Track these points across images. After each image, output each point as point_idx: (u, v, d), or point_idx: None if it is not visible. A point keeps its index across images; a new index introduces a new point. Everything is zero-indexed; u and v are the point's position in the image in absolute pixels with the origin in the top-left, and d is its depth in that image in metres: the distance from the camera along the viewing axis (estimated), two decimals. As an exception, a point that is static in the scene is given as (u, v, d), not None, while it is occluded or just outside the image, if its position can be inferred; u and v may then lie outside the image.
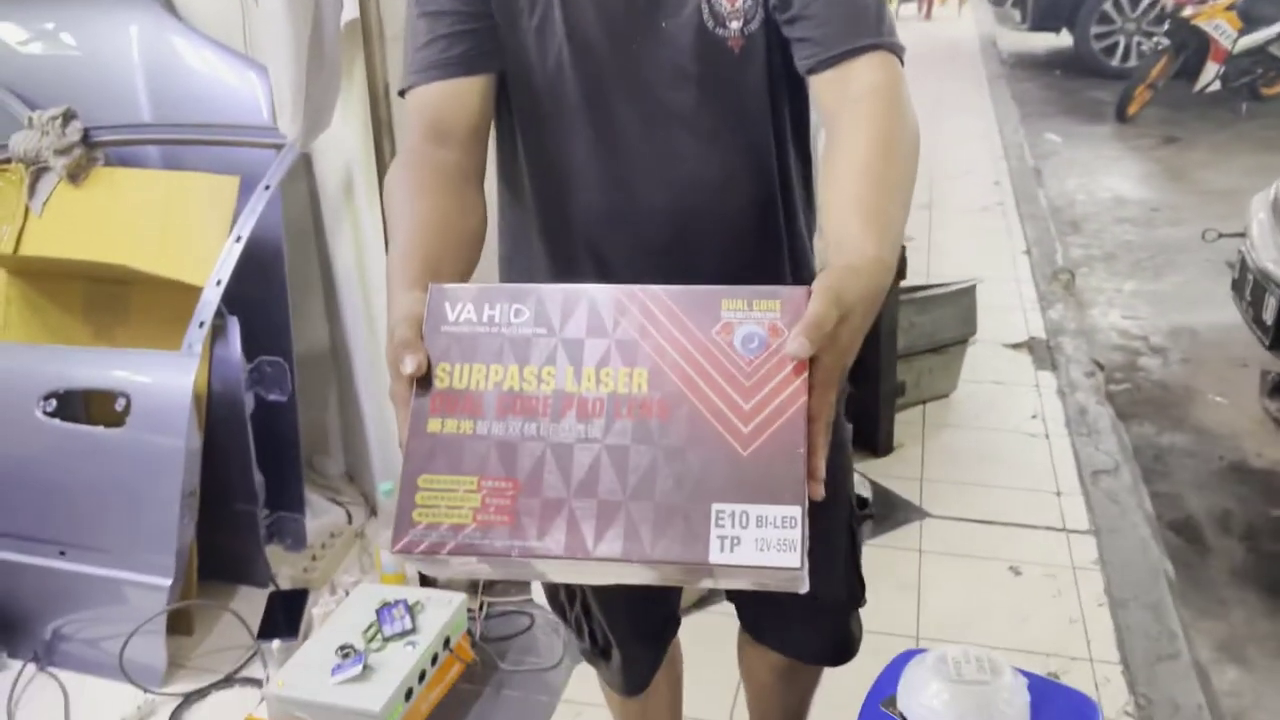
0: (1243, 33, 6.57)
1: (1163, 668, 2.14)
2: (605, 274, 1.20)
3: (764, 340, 0.75)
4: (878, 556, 2.40)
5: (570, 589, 1.43)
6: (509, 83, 1.14)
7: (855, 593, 1.45)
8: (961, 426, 3.11)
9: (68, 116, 2.38)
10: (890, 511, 2.68)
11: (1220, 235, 3.62)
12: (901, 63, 1.05)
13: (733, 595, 1.49)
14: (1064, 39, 8.53)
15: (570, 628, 1.49)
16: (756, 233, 1.23)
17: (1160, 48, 6.80)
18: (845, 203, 0.90)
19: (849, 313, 0.76)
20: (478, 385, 0.76)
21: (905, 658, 1.29)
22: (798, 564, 0.70)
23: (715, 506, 0.71)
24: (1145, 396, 3.52)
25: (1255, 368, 3.53)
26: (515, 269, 1.30)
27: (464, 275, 0.97)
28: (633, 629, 1.46)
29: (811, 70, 1.07)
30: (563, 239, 1.22)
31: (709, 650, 1.76)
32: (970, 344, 3.25)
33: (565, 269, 1.22)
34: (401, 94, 1.13)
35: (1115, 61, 8.00)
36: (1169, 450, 3.19)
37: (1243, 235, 3.32)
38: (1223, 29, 6.51)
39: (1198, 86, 6.74)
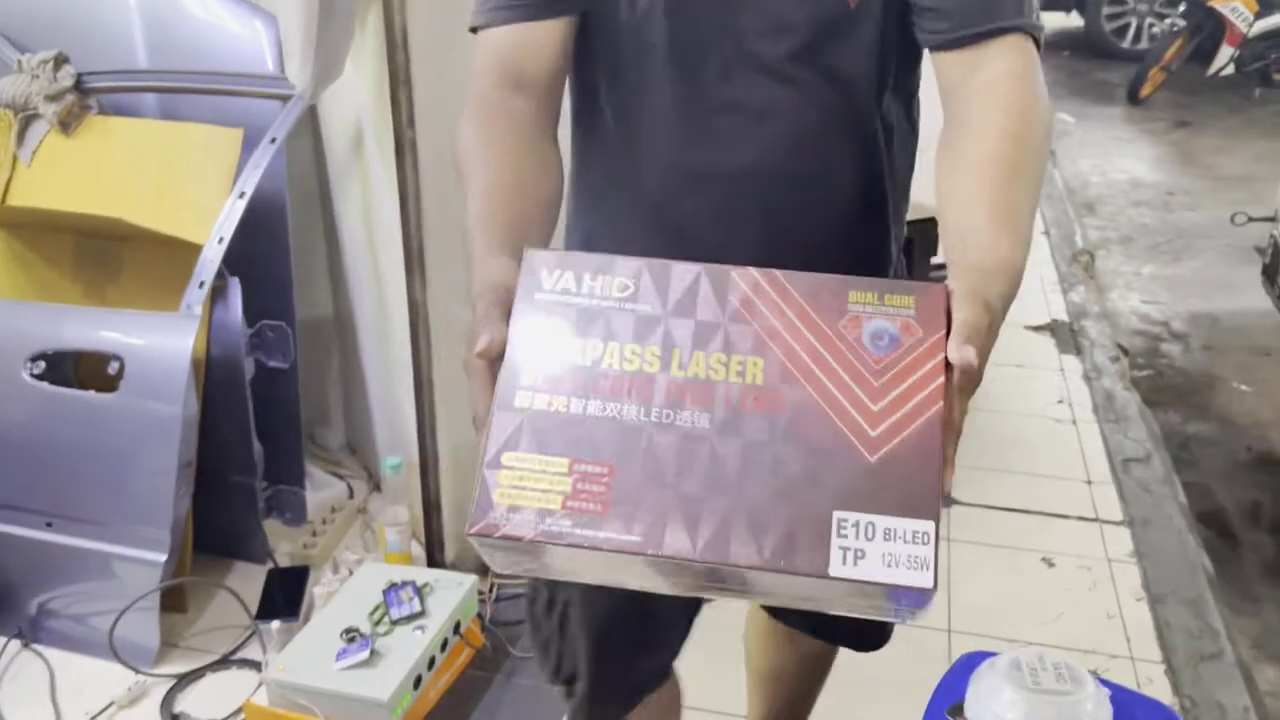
0: (1259, 16, 6.47)
1: (1206, 668, 2.05)
2: (680, 243, 1.05)
3: (895, 338, 0.68)
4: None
5: (552, 597, 1.23)
6: (589, 25, 1.03)
7: None
8: (986, 410, 3.01)
9: (59, 61, 2.23)
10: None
11: (1250, 219, 3.52)
12: (1039, 45, 0.95)
13: None
14: (1073, 19, 8.40)
15: (535, 645, 1.29)
16: (855, 206, 1.12)
17: (1175, 29, 6.69)
18: (974, 196, 0.83)
19: (994, 319, 0.69)
20: (574, 360, 0.69)
21: (971, 660, 1.19)
22: (930, 584, 0.61)
23: (838, 514, 0.63)
24: (1168, 383, 3.43)
25: (1279, 356, 3.45)
26: (580, 235, 1.19)
27: (545, 240, 0.89)
28: (605, 658, 1.23)
29: (940, 47, 0.96)
30: (637, 203, 1.10)
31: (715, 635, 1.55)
32: (995, 325, 3.15)
33: (637, 236, 1.10)
34: (473, 30, 1.03)
35: (1126, 43, 7.88)
36: (1194, 439, 3.10)
37: (1273, 220, 3.23)
38: (1239, 12, 6.41)
39: (1211, 70, 6.64)
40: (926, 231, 2.73)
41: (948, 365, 0.66)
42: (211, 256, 2.04)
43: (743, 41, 1.00)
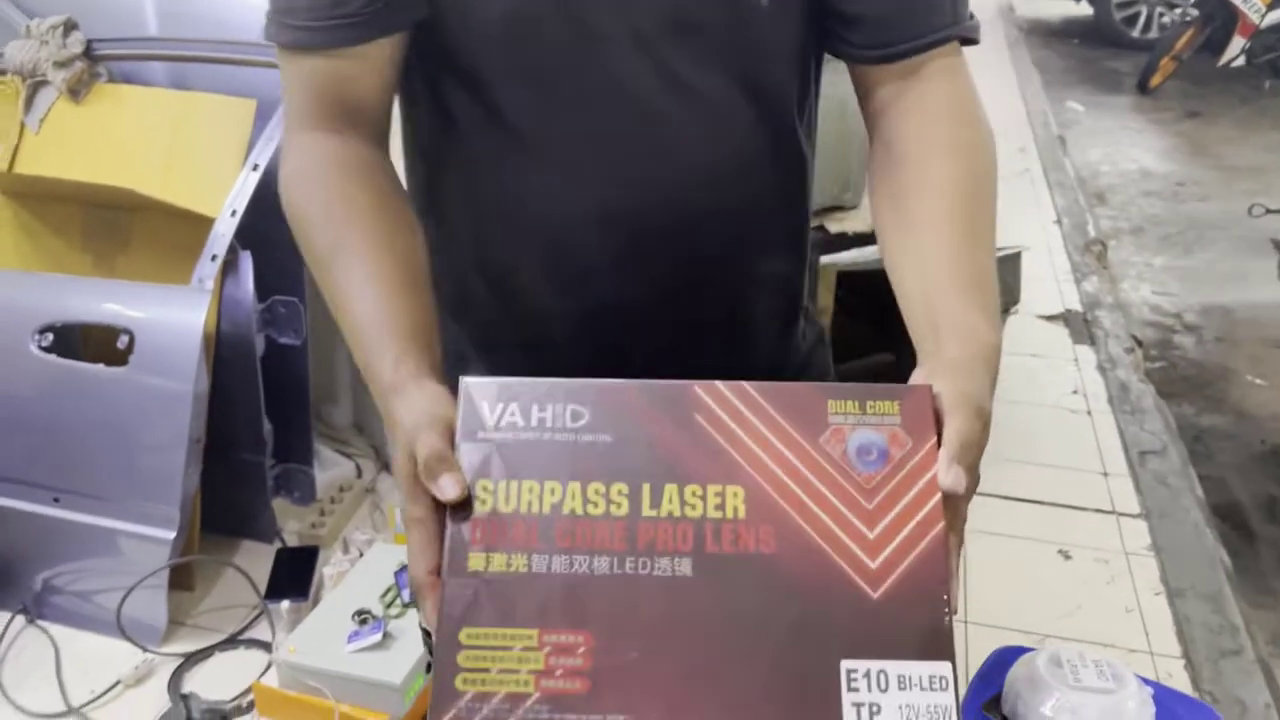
0: (1271, 7, 6.41)
1: (1227, 663, 2.03)
2: (575, 291, 0.89)
3: (884, 451, 0.62)
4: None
5: None
6: (436, 32, 0.80)
7: None
8: (1000, 400, 2.94)
9: (69, 26, 2.18)
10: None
11: (1267, 211, 3.50)
12: (975, 42, 0.86)
13: None
14: (1083, 7, 8.35)
15: None
16: (780, 240, 0.96)
17: (1187, 19, 6.64)
18: (937, 267, 0.74)
19: (985, 422, 0.63)
20: (530, 509, 0.61)
21: (1007, 655, 1.16)
22: None
23: (845, 665, 0.57)
24: (1181, 375, 3.41)
25: (1293, 349, 3.44)
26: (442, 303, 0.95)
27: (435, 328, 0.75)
28: None
29: (869, 61, 0.84)
30: (509, 250, 0.90)
31: None
32: (1011, 314, 3.11)
33: (522, 286, 0.91)
34: (277, 44, 0.81)
35: (1136, 32, 7.83)
36: (1209, 432, 3.08)
37: (1291, 212, 3.21)
38: (1252, 3, 6.35)
39: (1222, 60, 6.59)
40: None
41: None
42: (224, 230, 2.00)
43: (647, 46, 0.80)
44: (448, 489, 0.60)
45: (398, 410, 0.66)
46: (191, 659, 1.99)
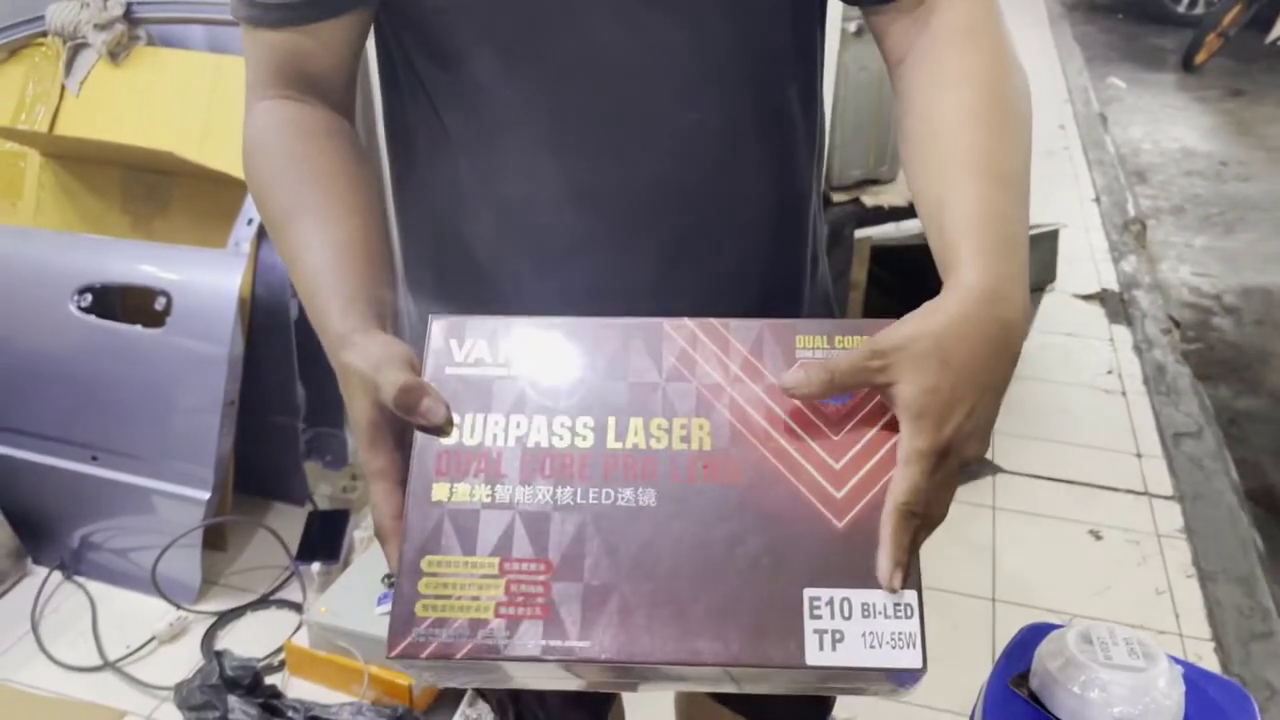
0: (1322, -17, 6.27)
1: (1257, 647, 2.01)
2: (548, 274, 0.85)
3: None
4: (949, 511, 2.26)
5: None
6: (408, 9, 0.78)
7: None
8: (1033, 379, 2.95)
9: (109, -11, 2.20)
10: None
11: (1313, 192, 3.42)
12: None
13: None
14: (1127, -18, 8.20)
15: (490, 707, 1.21)
16: (772, 218, 0.90)
17: (1234, -6, 6.49)
18: (936, 209, 0.67)
19: (957, 385, 0.58)
20: (495, 441, 0.61)
21: (1034, 632, 1.15)
22: (919, 664, 0.56)
23: (809, 593, 0.57)
24: (1219, 357, 3.36)
25: (1334, 334, 3.38)
26: (419, 281, 0.94)
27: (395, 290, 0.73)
28: (570, 701, 1.16)
29: (877, 1, 0.79)
30: (488, 230, 0.86)
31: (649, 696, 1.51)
32: (1047, 292, 3.08)
33: (491, 274, 0.88)
34: (238, 20, 0.79)
35: (1182, 8, 7.67)
36: (1245, 415, 3.03)
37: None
38: (1302, -22, 6.21)
39: (1270, 38, 6.45)
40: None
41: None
42: (260, 194, 2.01)
43: (629, 12, 0.76)
44: (434, 411, 0.59)
45: (350, 359, 0.63)
46: (224, 618, 2.03)
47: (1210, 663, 1.95)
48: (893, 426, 0.59)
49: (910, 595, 0.57)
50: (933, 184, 0.69)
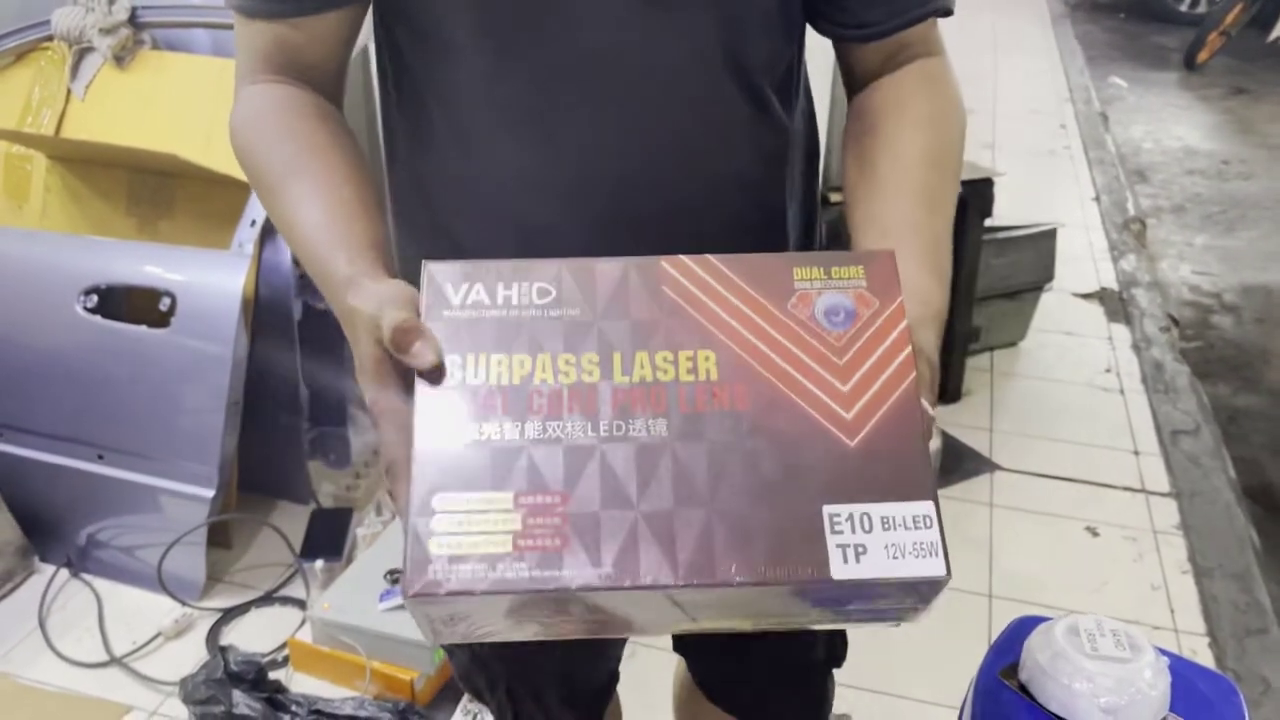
0: (1324, -18, 6.27)
1: (1252, 642, 2.02)
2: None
3: (851, 311, 0.62)
4: (946, 508, 2.23)
5: (490, 669, 1.11)
6: (400, 2, 0.81)
7: (835, 650, 1.18)
8: (1032, 377, 2.97)
9: (114, -7, 2.23)
10: (959, 462, 2.55)
11: (1313, 191, 3.43)
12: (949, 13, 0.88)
13: (680, 643, 1.23)
14: (1130, -19, 8.19)
15: (490, 710, 1.20)
16: (760, 218, 0.94)
17: (1236, -7, 6.49)
18: (898, 234, 0.76)
19: (934, 374, 0.66)
20: (500, 380, 0.60)
21: (1025, 624, 1.17)
22: (943, 571, 0.56)
23: (828, 509, 0.57)
24: (1218, 355, 3.37)
25: (1334, 332, 3.38)
26: (411, 275, 1.01)
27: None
28: (568, 697, 1.17)
29: (853, 40, 0.86)
30: (477, 225, 0.89)
31: (647, 698, 1.47)
32: (1045, 291, 3.09)
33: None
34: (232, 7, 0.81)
35: (1184, 7, 7.67)
36: (1244, 413, 3.05)
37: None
38: (1304, -23, 6.21)
39: (1271, 37, 6.45)
40: (981, 192, 2.70)
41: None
42: (263, 195, 2.04)
43: (612, 6, 0.78)
44: (423, 355, 0.59)
45: (355, 301, 0.64)
46: (229, 614, 2.05)
47: (1205, 658, 1.97)
48: (895, 349, 0.61)
49: (928, 506, 0.57)
50: (889, 206, 0.79)
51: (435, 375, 0.59)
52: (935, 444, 0.63)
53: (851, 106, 0.89)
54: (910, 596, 0.58)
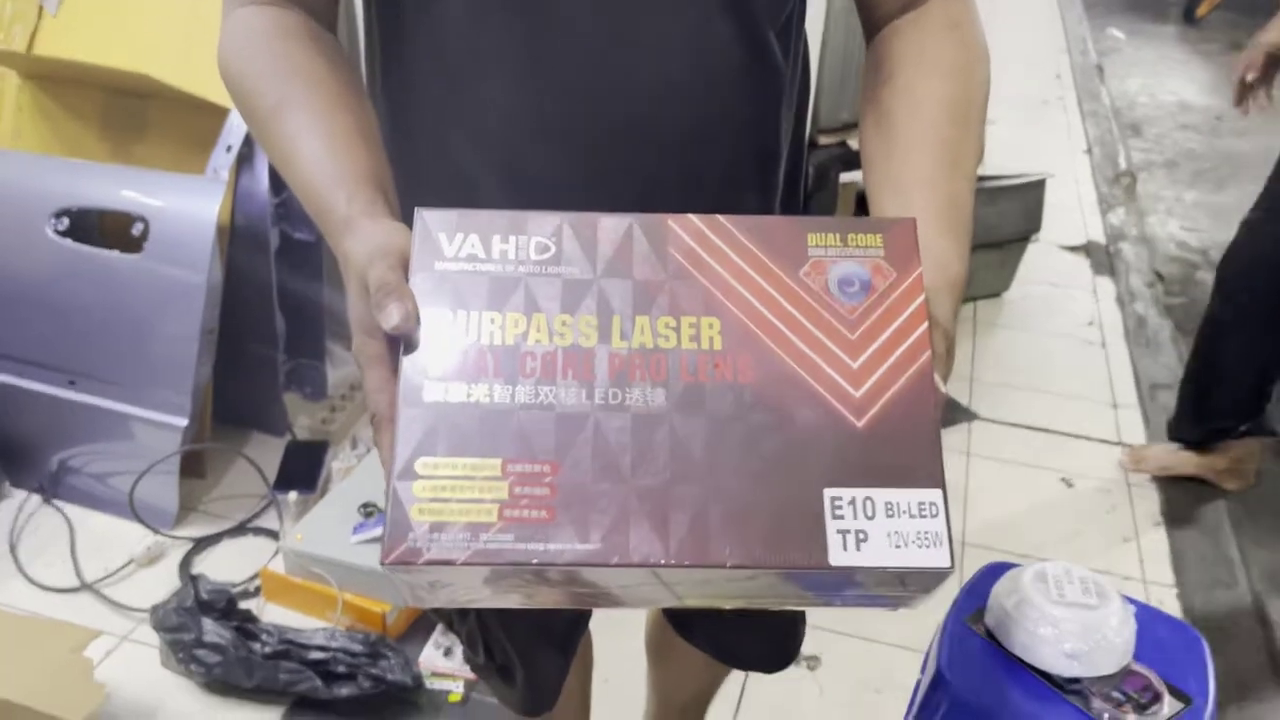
0: (1328, -64, 6.18)
1: (1218, 594, 2.04)
2: (524, 207, 0.85)
3: (867, 282, 0.59)
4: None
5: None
6: None
7: None
8: (1014, 328, 2.97)
9: (88, -94, 2.16)
10: (939, 410, 2.55)
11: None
12: None
13: None
14: (1133, -69, 8.08)
15: (460, 640, 1.21)
16: (751, 164, 0.92)
17: (1239, -54, 6.41)
18: (916, 194, 0.72)
19: (950, 344, 0.62)
20: (493, 339, 0.57)
21: (994, 570, 1.17)
22: (947, 562, 0.53)
23: (829, 493, 0.54)
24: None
25: (1318, 292, 3.37)
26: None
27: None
28: (539, 636, 1.16)
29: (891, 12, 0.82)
30: (468, 164, 0.86)
31: (619, 635, 1.51)
32: (1031, 242, 3.08)
33: (469, 203, 0.85)
34: None
35: (1186, -42, 7.58)
36: (1224, 370, 3.05)
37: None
38: (1308, -70, 6.13)
39: (1273, -9, 6.38)
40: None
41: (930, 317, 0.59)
42: (239, 121, 1.99)
43: None
44: (391, 316, 0.56)
45: (350, 245, 0.62)
46: (201, 543, 2.05)
47: (1171, 608, 1.99)
48: (910, 325, 0.58)
49: (935, 494, 0.55)
50: (907, 163, 0.74)
51: (410, 343, 0.57)
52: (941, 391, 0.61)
53: (869, 52, 0.84)
54: (911, 584, 0.56)
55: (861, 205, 2.54)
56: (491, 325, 0.57)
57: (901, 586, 0.56)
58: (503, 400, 0.55)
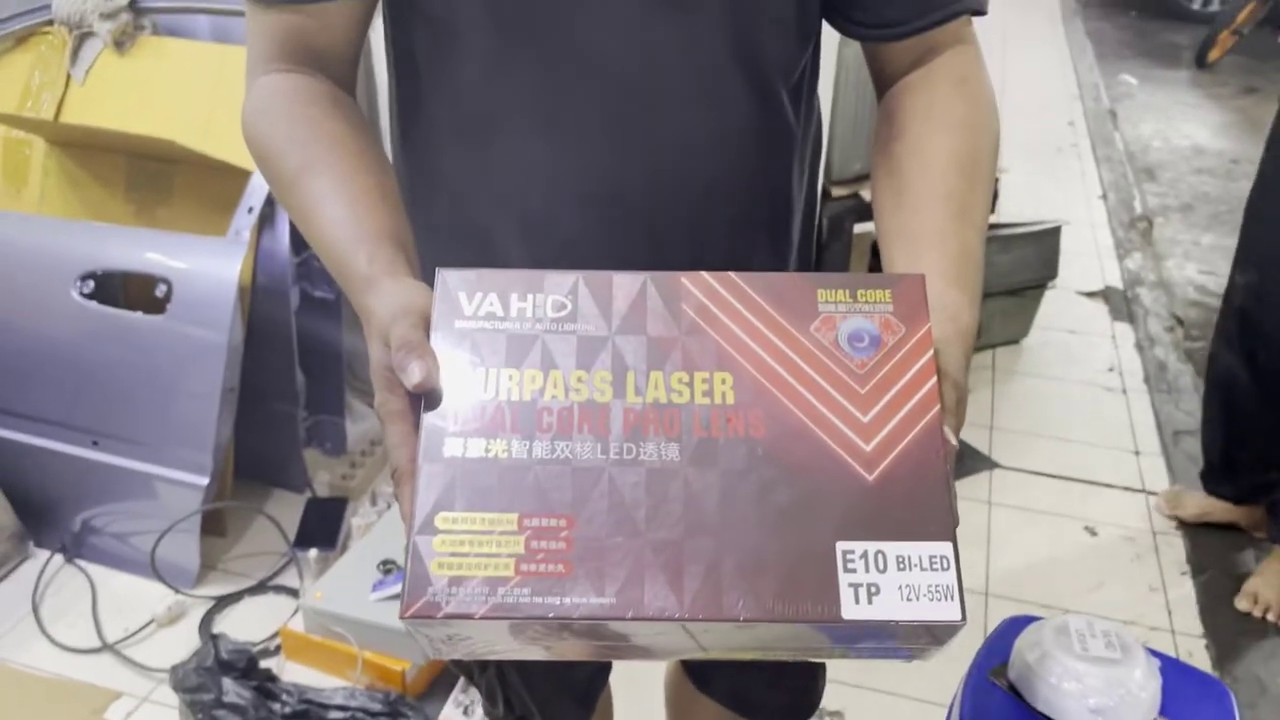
0: (1338, -18, 6.21)
1: (1249, 644, 2.01)
2: (541, 263, 0.85)
3: (876, 337, 0.60)
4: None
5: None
6: None
7: None
8: (1033, 375, 2.95)
9: (115, -22, 2.22)
10: (958, 459, 2.53)
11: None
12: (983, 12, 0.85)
13: None
14: (1142, -22, 8.15)
15: (480, 693, 1.21)
16: (765, 216, 0.94)
17: (1249, -8, 6.45)
18: (927, 246, 0.73)
19: (961, 395, 0.63)
20: (510, 395, 0.58)
21: (1016, 624, 1.16)
22: (958, 616, 0.54)
23: (841, 546, 0.55)
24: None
25: (1340, 334, 3.35)
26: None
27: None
28: (559, 688, 1.17)
29: (877, 40, 0.84)
30: (485, 218, 0.89)
31: (639, 689, 1.48)
32: (1048, 289, 3.07)
33: (487, 259, 0.90)
34: None
35: (1196, 5, 7.63)
36: (1247, 414, 3.02)
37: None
38: (1318, -24, 6.16)
39: (1284, 35, 6.41)
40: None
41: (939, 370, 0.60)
42: (260, 183, 2.03)
43: (628, 10, 0.77)
44: (414, 374, 0.57)
45: (372, 303, 0.63)
46: (222, 602, 2.05)
47: (1201, 659, 1.96)
48: (920, 379, 0.59)
49: (946, 547, 0.56)
50: (917, 216, 0.76)
51: (431, 401, 0.58)
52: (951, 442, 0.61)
53: (880, 108, 0.86)
54: (923, 637, 0.57)
55: (876, 256, 2.55)
56: (509, 382, 0.59)
57: (916, 637, 0.56)
58: (520, 455, 0.57)
